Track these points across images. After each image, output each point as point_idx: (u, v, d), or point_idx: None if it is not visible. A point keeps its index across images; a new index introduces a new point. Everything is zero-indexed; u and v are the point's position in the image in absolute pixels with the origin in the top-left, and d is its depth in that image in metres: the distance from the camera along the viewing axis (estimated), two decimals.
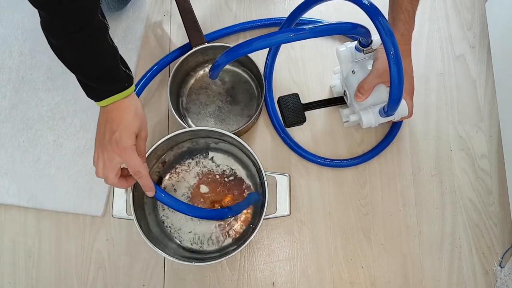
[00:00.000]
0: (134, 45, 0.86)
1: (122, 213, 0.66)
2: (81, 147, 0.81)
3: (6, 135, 0.82)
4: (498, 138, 0.80)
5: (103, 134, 0.58)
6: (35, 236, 0.78)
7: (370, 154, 0.78)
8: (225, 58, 0.59)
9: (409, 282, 0.75)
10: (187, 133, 0.69)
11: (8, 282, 0.76)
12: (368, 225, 0.77)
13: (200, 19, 0.78)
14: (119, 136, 0.56)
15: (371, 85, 0.65)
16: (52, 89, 0.84)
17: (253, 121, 0.76)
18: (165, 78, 0.84)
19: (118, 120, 0.57)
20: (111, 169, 0.58)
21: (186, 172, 0.77)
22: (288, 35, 0.51)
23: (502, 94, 0.77)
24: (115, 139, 0.56)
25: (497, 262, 0.75)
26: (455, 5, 0.88)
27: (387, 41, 0.52)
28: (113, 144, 0.57)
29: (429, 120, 0.82)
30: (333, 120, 0.82)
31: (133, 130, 0.58)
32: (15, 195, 0.78)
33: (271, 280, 0.75)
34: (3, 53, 0.86)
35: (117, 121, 0.57)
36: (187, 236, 0.74)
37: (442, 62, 0.85)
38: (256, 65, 0.76)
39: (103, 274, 0.76)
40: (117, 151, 0.57)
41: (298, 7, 0.67)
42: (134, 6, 0.88)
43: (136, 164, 0.58)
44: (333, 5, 0.88)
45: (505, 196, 0.78)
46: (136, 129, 0.58)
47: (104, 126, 0.58)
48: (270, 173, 0.66)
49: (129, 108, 0.58)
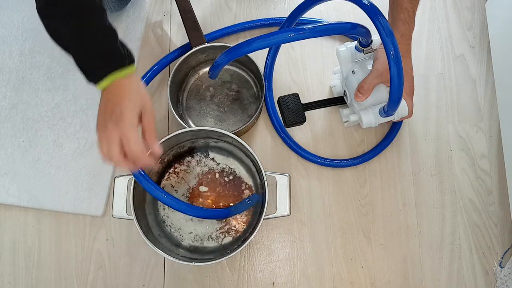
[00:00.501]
0: (134, 45, 0.86)
1: (122, 213, 0.66)
2: (81, 147, 0.81)
3: (6, 135, 0.82)
4: (498, 138, 0.80)
5: (104, 115, 0.56)
6: (35, 236, 0.78)
7: (370, 154, 0.79)
8: (225, 58, 0.59)
9: (409, 282, 0.75)
10: (187, 133, 0.69)
11: (8, 282, 0.76)
12: (368, 225, 0.77)
13: (200, 19, 0.78)
14: (119, 112, 0.54)
15: (371, 85, 0.65)
16: (52, 89, 0.84)
17: (253, 121, 0.76)
18: (165, 78, 0.84)
19: (119, 98, 0.55)
20: (114, 146, 0.55)
21: (186, 172, 0.77)
22: (288, 35, 0.51)
23: (502, 94, 0.77)
24: (115, 116, 0.54)
25: (497, 262, 0.75)
26: (455, 5, 0.88)
27: (387, 41, 0.52)
28: (113, 121, 0.55)
29: (429, 120, 0.82)
30: (333, 120, 0.82)
31: (135, 106, 0.56)
32: (15, 195, 0.78)
33: (271, 280, 0.75)
34: (3, 53, 0.86)
35: (118, 99, 0.55)
36: (187, 236, 0.74)
37: (442, 62, 0.85)
38: (256, 65, 0.76)
39: (103, 274, 0.76)
40: (117, 127, 0.55)
41: (298, 7, 0.67)
42: (134, 6, 0.88)
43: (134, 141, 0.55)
44: (333, 5, 0.88)
45: (505, 196, 0.78)
46: (138, 105, 0.56)
47: (104, 107, 0.56)
48: (270, 173, 0.66)
49: (130, 86, 0.56)
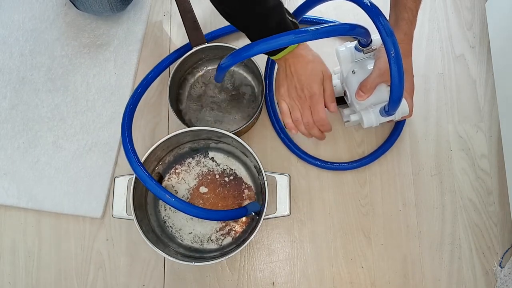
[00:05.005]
0: (135, 47, 0.86)
1: (122, 213, 0.66)
2: (80, 149, 0.81)
3: (6, 136, 0.82)
4: (498, 138, 0.80)
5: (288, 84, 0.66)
6: (35, 236, 0.78)
7: (370, 157, 0.78)
8: (229, 62, 0.59)
9: (409, 282, 0.75)
10: (187, 133, 0.69)
11: (8, 282, 0.76)
12: (368, 225, 0.77)
13: (200, 19, 0.78)
14: (309, 86, 0.64)
15: (373, 84, 0.65)
16: (53, 90, 0.84)
17: (253, 121, 0.76)
18: (165, 78, 0.84)
19: (302, 70, 0.63)
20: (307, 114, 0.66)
21: (186, 173, 0.77)
22: (290, 37, 0.52)
23: (502, 94, 0.77)
24: (307, 91, 0.64)
25: (497, 262, 0.75)
26: (455, 5, 0.88)
27: (388, 41, 0.52)
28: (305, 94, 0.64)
29: (429, 120, 0.82)
30: (333, 120, 0.82)
31: (319, 76, 0.64)
32: (15, 196, 0.78)
33: (271, 280, 0.75)
34: (4, 54, 0.86)
35: (301, 72, 0.63)
36: (188, 236, 0.74)
37: (442, 62, 0.85)
38: (256, 65, 0.76)
39: (103, 274, 0.76)
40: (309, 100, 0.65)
41: (300, 7, 0.68)
42: (135, 7, 0.88)
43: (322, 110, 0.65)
44: (333, 5, 0.88)
45: (505, 196, 0.78)
46: (320, 73, 0.64)
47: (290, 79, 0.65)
48: (270, 173, 0.66)
49: (306, 56, 0.63)
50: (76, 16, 0.88)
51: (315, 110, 0.65)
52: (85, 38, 0.87)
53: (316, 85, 0.64)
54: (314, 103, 0.65)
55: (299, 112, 0.67)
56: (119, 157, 0.81)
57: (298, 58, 0.63)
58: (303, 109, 0.66)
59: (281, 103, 0.68)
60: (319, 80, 0.64)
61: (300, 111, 0.67)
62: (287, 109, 0.68)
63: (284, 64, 0.65)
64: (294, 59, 0.63)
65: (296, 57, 0.63)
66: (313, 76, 0.64)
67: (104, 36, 0.87)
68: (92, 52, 0.86)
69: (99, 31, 0.87)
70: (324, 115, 0.66)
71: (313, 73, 0.63)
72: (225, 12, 0.60)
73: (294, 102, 0.67)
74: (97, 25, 0.87)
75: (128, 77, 0.84)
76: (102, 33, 0.87)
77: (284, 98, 0.67)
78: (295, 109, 0.67)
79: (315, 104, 0.65)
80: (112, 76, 0.84)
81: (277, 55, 0.62)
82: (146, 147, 0.72)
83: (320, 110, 0.65)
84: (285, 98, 0.67)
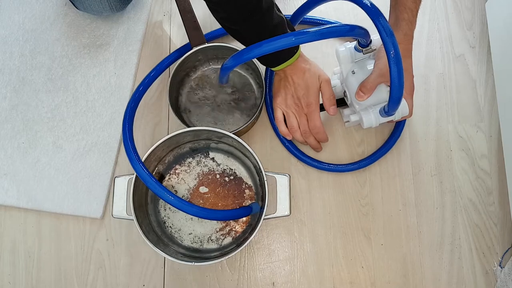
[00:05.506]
0: (135, 47, 0.86)
1: (122, 213, 0.66)
2: (80, 149, 0.81)
3: (6, 136, 0.82)
4: (498, 138, 0.80)
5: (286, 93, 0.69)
6: (35, 236, 0.78)
7: (370, 159, 0.78)
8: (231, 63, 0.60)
9: (409, 282, 0.75)
10: (187, 133, 0.69)
11: (8, 282, 0.76)
12: (368, 225, 0.77)
13: (200, 19, 0.78)
14: (305, 97, 0.67)
15: (373, 84, 0.65)
16: (53, 91, 0.84)
17: (253, 121, 0.76)
18: (165, 78, 0.84)
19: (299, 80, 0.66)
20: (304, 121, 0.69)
21: (186, 173, 0.77)
22: (290, 39, 0.53)
23: (502, 94, 0.77)
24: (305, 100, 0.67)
25: (497, 262, 0.75)
26: (455, 5, 0.88)
27: (388, 41, 0.52)
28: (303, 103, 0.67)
29: (429, 120, 0.82)
30: (333, 120, 0.82)
31: (316, 85, 0.67)
32: (15, 196, 0.78)
33: (271, 280, 0.75)
34: (4, 54, 0.86)
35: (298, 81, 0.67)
36: (187, 237, 0.74)
37: (442, 62, 0.85)
38: (256, 65, 0.76)
39: (103, 274, 0.76)
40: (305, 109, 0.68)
41: (300, 8, 0.68)
42: (135, 7, 0.88)
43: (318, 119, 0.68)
44: (333, 5, 0.88)
45: (505, 196, 0.78)
46: (317, 82, 0.67)
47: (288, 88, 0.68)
48: (270, 173, 0.66)
49: (304, 67, 0.66)
50: (76, 16, 0.88)
51: (311, 118, 0.68)
52: (85, 38, 0.87)
53: (312, 95, 0.66)
54: (311, 111, 0.67)
55: (295, 119, 0.69)
56: (119, 157, 0.81)
57: (296, 69, 0.66)
58: (299, 117, 0.68)
59: (277, 111, 0.70)
60: (316, 89, 0.66)
61: (297, 119, 0.69)
62: (281, 117, 0.70)
63: (282, 74, 0.67)
64: (292, 70, 0.66)
65: (295, 68, 0.66)
66: (310, 86, 0.66)
67: (104, 36, 0.87)
68: (92, 52, 0.86)
69: (99, 31, 0.87)
70: (319, 123, 0.68)
71: (310, 82, 0.66)
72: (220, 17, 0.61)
73: (291, 110, 0.69)
74: (97, 25, 0.87)
75: (128, 77, 0.84)
76: (102, 33, 0.87)
77: (280, 106, 0.70)
78: (291, 116, 0.69)
79: (311, 112, 0.67)
80: (112, 77, 0.84)
81: (278, 67, 0.64)
82: (146, 147, 0.72)
83: (316, 118, 0.67)
84: (281, 106, 0.70)
